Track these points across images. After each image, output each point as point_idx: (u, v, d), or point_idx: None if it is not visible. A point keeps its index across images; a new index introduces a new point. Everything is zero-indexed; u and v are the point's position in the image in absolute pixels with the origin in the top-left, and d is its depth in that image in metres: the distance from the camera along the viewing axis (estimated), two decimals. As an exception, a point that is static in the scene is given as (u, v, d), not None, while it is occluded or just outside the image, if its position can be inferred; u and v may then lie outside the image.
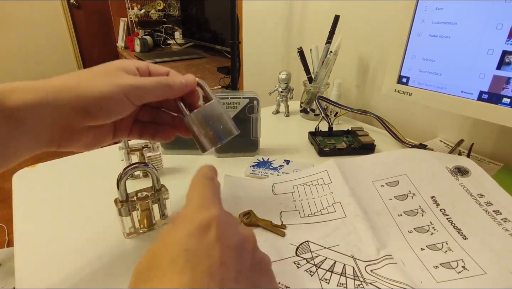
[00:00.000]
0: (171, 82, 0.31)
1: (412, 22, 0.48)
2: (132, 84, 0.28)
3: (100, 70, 0.29)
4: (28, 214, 0.41)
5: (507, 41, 0.39)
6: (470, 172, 0.42)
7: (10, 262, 1.42)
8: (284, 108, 0.75)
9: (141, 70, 0.32)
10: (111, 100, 0.28)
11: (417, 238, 0.35)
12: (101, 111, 0.28)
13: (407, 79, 0.51)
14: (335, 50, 0.65)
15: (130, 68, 0.30)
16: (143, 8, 2.58)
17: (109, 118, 0.29)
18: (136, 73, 0.31)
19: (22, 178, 0.48)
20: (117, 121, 0.32)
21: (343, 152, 0.56)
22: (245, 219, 0.38)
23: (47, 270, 0.32)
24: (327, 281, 0.31)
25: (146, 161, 0.47)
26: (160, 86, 0.30)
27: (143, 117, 0.35)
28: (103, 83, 0.27)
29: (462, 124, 0.60)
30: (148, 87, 0.29)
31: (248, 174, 0.49)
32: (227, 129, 0.33)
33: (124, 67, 0.30)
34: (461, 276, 0.30)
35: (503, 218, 0.35)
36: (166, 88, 0.31)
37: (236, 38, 1.03)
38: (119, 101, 0.28)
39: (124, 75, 0.29)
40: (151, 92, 0.30)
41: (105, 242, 0.36)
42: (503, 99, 0.40)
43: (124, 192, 0.34)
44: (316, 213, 0.40)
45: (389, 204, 0.40)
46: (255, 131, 0.53)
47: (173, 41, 2.49)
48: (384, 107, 0.73)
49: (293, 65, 0.97)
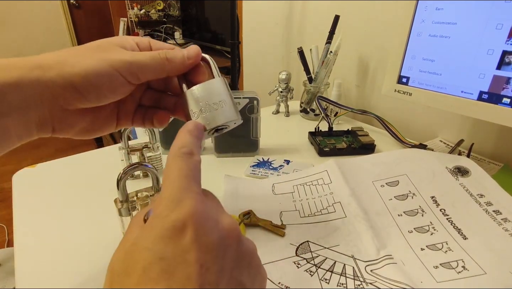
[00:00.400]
0: (171, 56, 0.27)
1: (412, 22, 0.48)
2: (125, 59, 0.25)
3: (93, 45, 0.26)
4: (28, 214, 0.41)
5: (507, 41, 0.39)
6: (470, 172, 0.42)
7: (10, 262, 1.42)
8: (284, 108, 0.75)
9: (142, 46, 0.28)
10: (101, 77, 0.24)
11: (417, 238, 0.35)
12: (91, 89, 0.25)
13: (407, 79, 0.51)
14: (335, 50, 0.65)
15: (128, 44, 0.27)
16: (143, 8, 2.58)
17: (103, 98, 0.26)
18: (136, 48, 0.28)
19: (22, 178, 0.48)
20: (120, 107, 0.30)
21: (343, 152, 0.56)
22: (245, 219, 0.38)
23: (47, 270, 0.32)
24: (327, 281, 0.31)
25: (146, 161, 0.47)
26: (158, 61, 0.26)
27: (147, 101, 0.32)
28: (91, 59, 0.24)
29: (462, 124, 0.60)
30: (144, 62, 0.26)
31: (248, 174, 0.49)
32: (227, 112, 0.27)
33: (121, 42, 0.27)
34: (461, 276, 0.30)
35: (503, 218, 0.35)
36: (165, 62, 0.27)
37: (236, 38, 1.03)
38: (112, 78, 0.25)
39: (118, 50, 0.26)
40: (148, 68, 0.26)
41: (105, 242, 0.36)
42: (503, 99, 0.40)
43: (124, 192, 0.34)
44: (316, 213, 0.40)
45: (389, 204, 0.40)
46: (255, 131, 0.53)
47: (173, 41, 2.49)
48: (384, 107, 0.73)
49: (293, 65, 0.97)
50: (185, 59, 0.28)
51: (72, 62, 0.24)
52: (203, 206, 0.19)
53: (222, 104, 0.27)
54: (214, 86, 0.27)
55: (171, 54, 0.27)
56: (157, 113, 0.32)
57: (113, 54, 0.25)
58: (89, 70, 0.24)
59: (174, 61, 0.27)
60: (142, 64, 0.26)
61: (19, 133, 0.24)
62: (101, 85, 0.25)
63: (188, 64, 0.28)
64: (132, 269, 0.17)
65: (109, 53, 0.25)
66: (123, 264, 0.18)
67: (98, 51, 0.25)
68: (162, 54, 0.27)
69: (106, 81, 0.25)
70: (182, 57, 0.27)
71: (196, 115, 0.26)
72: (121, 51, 0.26)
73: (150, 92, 0.32)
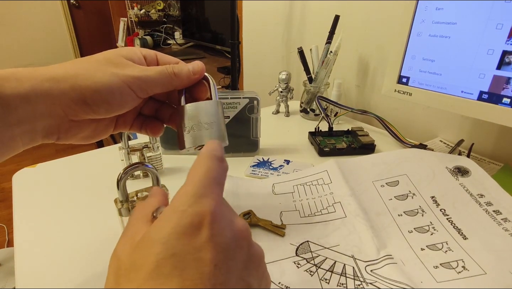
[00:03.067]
0: (177, 71, 0.28)
1: (412, 22, 0.48)
2: (135, 75, 0.26)
3: (103, 58, 0.27)
4: (28, 214, 0.41)
5: (507, 41, 0.39)
6: (470, 172, 0.42)
7: (10, 262, 1.42)
8: (284, 108, 0.75)
9: (149, 59, 0.29)
10: (112, 92, 0.25)
11: (417, 238, 0.35)
12: (102, 103, 0.26)
13: (407, 79, 0.51)
14: (335, 50, 0.65)
15: (136, 56, 0.28)
16: (143, 8, 2.58)
17: (112, 112, 0.27)
18: (143, 62, 0.29)
19: (22, 178, 0.48)
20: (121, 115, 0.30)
21: (343, 152, 0.56)
22: (245, 219, 0.38)
23: (47, 270, 0.32)
24: (327, 281, 0.31)
25: (146, 161, 0.47)
26: (166, 76, 0.28)
27: (147, 111, 0.33)
28: (103, 73, 0.25)
29: (462, 124, 0.60)
30: (153, 78, 0.27)
31: (248, 174, 0.49)
32: (214, 134, 0.29)
33: (129, 55, 0.28)
34: (461, 276, 0.30)
35: (503, 218, 0.35)
36: (172, 77, 0.28)
37: (236, 38, 1.03)
38: (123, 94, 0.26)
39: (128, 65, 0.27)
40: (157, 83, 0.28)
41: (105, 242, 0.36)
42: (503, 99, 0.40)
43: (124, 192, 0.34)
44: (316, 213, 0.40)
45: (389, 204, 0.40)
46: (255, 131, 0.53)
47: (173, 41, 2.49)
48: (384, 107, 0.73)
49: (293, 65, 0.97)
50: (191, 74, 0.29)
51: (85, 76, 0.25)
52: (222, 205, 0.20)
53: (213, 126, 0.29)
54: (209, 108, 0.29)
55: (178, 69, 0.29)
56: (153, 124, 0.33)
57: (124, 69, 0.26)
58: (101, 85, 0.25)
59: (180, 76, 0.29)
60: (151, 80, 0.27)
61: (25, 142, 0.25)
62: (112, 99, 0.26)
63: (193, 79, 0.30)
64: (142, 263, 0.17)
65: (120, 68, 0.26)
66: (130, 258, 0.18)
67: (110, 65, 0.26)
68: (169, 69, 0.28)
69: (117, 96, 0.26)
70: (188, 72, 0.29)
71: (187, 130, 0.29)
72: (132, 66, 0.27)
73: (152, 103, 0.33)
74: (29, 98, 0.23)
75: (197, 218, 0.18)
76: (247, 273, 0.19)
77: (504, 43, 0.39)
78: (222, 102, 0.31)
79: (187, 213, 0.18)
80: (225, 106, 0.51)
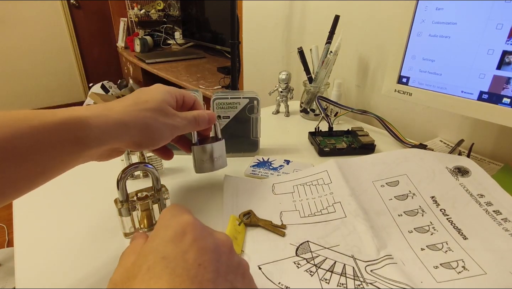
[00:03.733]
0: (201, 120, 0.37)
1: (412, 22, 0.48)
2: (177, 125, 0.34)
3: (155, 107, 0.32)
4: (28, 214, 0.41)
5: (507, 41, 0.39)
6: (470, 172, 0.42)
7: (10, 262, 1.42)
8: (284, 108, 0.75)
9: (179, 102, 0.37)
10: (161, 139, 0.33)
11: (417, 238, 0.35)
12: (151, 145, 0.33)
13: (407, 79, 0.51)
14: (335, 50, 0.65)
15: (173, 100, 0.35)
16: (143, 8, 2.58)
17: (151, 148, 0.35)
18: (175, 105, 0.36)
19: (22, 178, 0.48)
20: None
21: (343, 152, 0.56)
22: (245, 219, 0.38)
23: (47, 270, 0.32)
24: (327, 281, 0.31)
25: (146, 161, 0.47)
26: (193, 124, 0.37)
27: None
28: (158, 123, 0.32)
29: (462, 124, 0.60)
30: (186, 126, 0.36)
31: (248, 174, 0.49)
32: (221, 164, 0.43)
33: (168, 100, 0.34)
34: (461, 276, 0.30)
35: (503, 218, 0.35)
36: (197, 125, 0.37)
37: (236, 38, 1.03)
38: (167, 138, 0.34)
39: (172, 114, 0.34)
40: (186, 129, 0.36)
41: (105, 242, 0.36)
42: (503, 99, 0.40)
43: (124, 192, 0.34)
44: (316, 213, 0.40)
45: (389, 204, 0.40)
46: (255, 131, 0.53)
47: (173, 41, 2.49)
48: (384, 107, 0.73)
49: (293, 65, 0.97)
50: (208, 122, 0.38)
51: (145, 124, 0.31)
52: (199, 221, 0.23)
53: (220, 159, 0.43)
54: (219, 148, 0.43)
55: (200, 118, 0.37)
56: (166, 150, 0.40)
57: (170, 119, 0.34)
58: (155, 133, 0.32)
59: (202, 124, 0.38)
60: (184, 127, 0.36)
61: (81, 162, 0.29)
62: (158, 142, 0.33)
63: (208, 126, 0.39)
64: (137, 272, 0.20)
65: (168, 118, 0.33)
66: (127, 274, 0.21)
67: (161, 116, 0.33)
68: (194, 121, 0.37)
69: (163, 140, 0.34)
70: (205, 120, 0.38)
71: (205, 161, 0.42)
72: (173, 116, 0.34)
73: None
74: (103, 140, 0.28)
75: (180, 227, 0.22)
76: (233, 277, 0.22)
77: (504, 43, 0.39)
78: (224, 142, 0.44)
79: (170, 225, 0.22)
80: (225, 106, 0.51)
